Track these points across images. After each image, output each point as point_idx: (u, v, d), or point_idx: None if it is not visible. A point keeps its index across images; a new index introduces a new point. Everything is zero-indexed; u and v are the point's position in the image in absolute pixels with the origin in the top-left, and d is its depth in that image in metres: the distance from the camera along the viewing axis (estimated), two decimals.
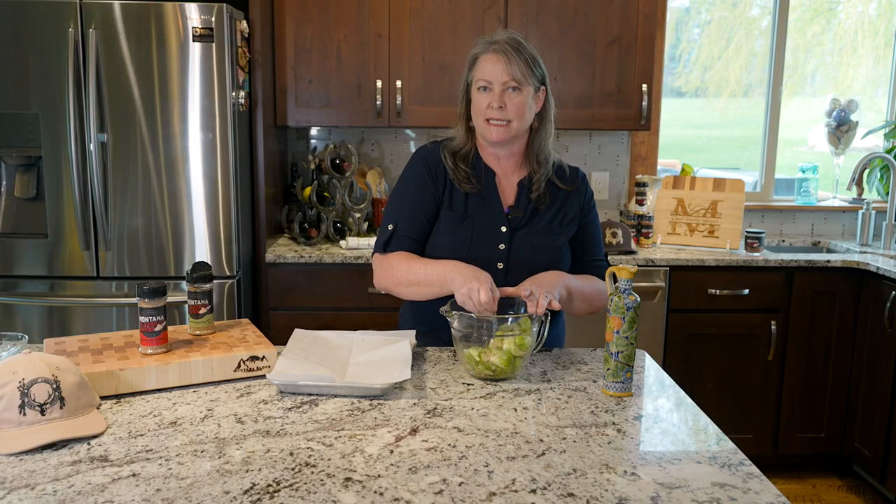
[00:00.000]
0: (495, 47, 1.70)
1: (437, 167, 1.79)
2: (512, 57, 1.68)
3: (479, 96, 1.72)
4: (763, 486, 1.13)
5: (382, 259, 1.78)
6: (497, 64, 1.69)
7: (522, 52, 1.70)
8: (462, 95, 1.79)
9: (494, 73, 1.69)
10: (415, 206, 1.77)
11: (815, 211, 3.69)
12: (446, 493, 1.09)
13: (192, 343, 1.61)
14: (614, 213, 3.64)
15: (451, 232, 1.75)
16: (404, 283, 1.73)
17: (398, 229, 1.76)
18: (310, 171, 3.30)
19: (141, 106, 2.62)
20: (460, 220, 1.76)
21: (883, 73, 3.82)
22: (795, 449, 3.18)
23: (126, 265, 2.71)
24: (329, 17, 3.07)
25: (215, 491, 1.08)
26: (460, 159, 1.79)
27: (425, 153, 1.82)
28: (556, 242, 1.78)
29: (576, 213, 1.82)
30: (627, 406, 1.44)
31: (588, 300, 1.77)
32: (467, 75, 1.76)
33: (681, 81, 3.96)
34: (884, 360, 2.91)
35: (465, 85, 1.78)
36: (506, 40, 1.71)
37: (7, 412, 1.24)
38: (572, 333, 2.93)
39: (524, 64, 1.69)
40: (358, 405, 1.42)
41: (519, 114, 1.71)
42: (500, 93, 1.69)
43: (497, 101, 1.69)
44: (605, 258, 1.88)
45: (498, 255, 1.75)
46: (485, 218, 1.76)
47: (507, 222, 1.77)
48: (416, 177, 1.80)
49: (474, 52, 1.74)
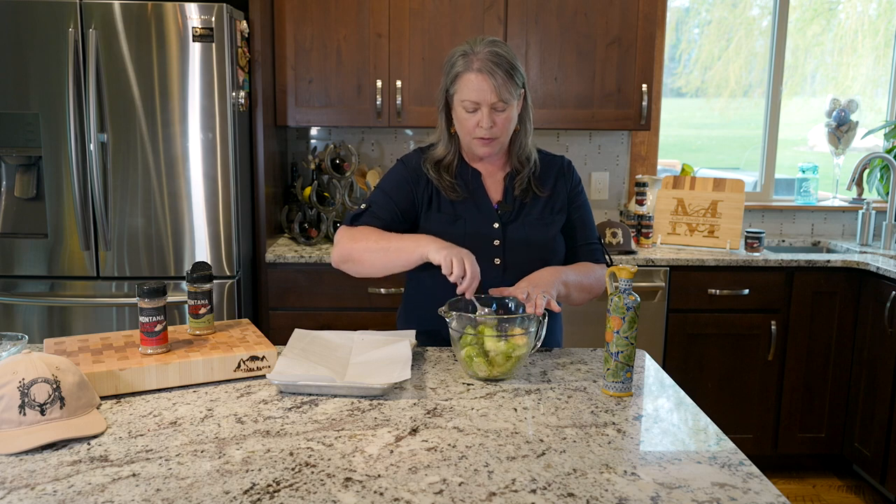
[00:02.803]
0: (479, 66, 1.65)
1: (420, 173, 1.80)
2: (497, 75, 1.64)
3: (466, 116, 1.70)
4: (763, 486, 1.13)
5: (350, 229, 1.75)
6: (483, 84, 1.65)
7: (503, 66, 1.65)
8: (441, 105, 1.77)
9: (482, 94, 1.65)
10: (390, 196, 1.78)
11: (815, 211, 3.69)
12: (446, 493, 1.09)
13: (192, 343, 1.61)
14: (614, 213, 3.64)
15: (445, 234, 1.74)
16: (372, 249, 1.67)
17: (370, 209, 1.77)
18: (310, 171, 3.30)
19: (141, 106, 2.62)
20: (452, 222, 1.77)
21: (883, 73, 3.82)
22: (795, 449, 3.18)
23: (126, 265, 2.71)
24: (329, 17, 3.07)
25: (215, 491, 1.08)
26: (443, 169, 1.79)
27: (406, 159, 1.84)
28: (549, 232, 1.79)
29: (564, 201, 1.84)
30: (627, 406, 1.44)
31: (586, 289, 1.79)
32: (448, 87, 1.73)
33: (681, 81, 3.96)
34: (884, 360, 2.91)
35: (443, 95, 1.76)
36: (487, 56, 1.66)
37: (7, 412, 1.24)
38: (572, 333, 2.94)
39: (508, 79, 1.66)
40: (358, 405, 1.42)
41: (506, 130, 1.72)
42: (489, 113, 1.67)
43: (486, 122, 1.67)
44: (599, 240, 1.89)
45: (493, 251, 1.76)
46: (476, 217, 1.78)
47: (498, 217, 1.78)
48: (396, 177, 1.82)
49: (455, 68, 1.70)
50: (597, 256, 1.86)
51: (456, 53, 1.71)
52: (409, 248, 1.62)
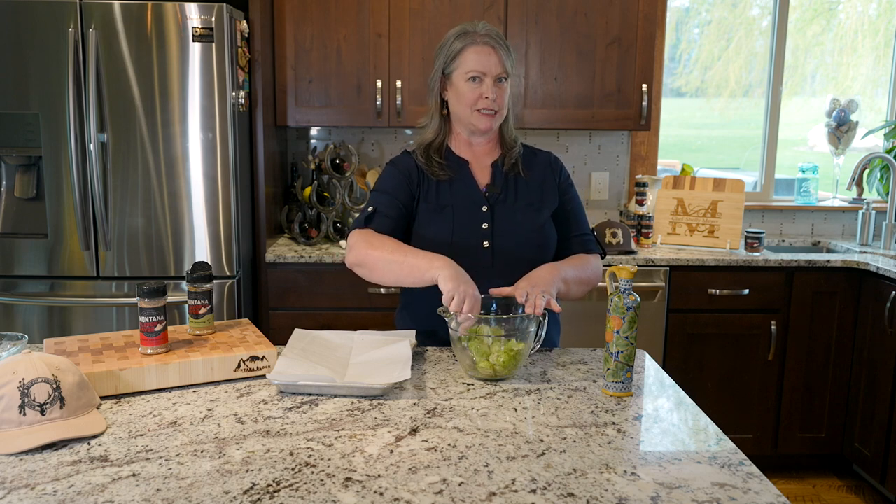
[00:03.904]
0: (484, 39, 1.74)
1: (410, 168, 1.83)
2: (501, 49, 1.75)
3: (469, 87, 1.75)
4: (763, 486, 1.13)
5: (364, 232, 1.75)
6: (491, 56, 1.74)
7: (504, 44, 1.77)
8: (435, 87, 1.82)
9: (489, 64, 1.73)
10: (392, 193, 1.81)
11: (815, 211, 3.69)
12: (446, 493, 1.09)
13: (192, 343, 1.62)
14: (614, 213, 3.64)
15: (433, 222, 1.78)
16: (386, 259, 1.67)
17: (378, 210, 1.79)
18: (310, 171, 3.30)
19: (141, 106, 2.62)
20: (440, 210, 1.79)
21: (883, 73, 3.82)
22: (795, 449, 3.18)
23: (126, 265, 2.71)
24: (329, 17, 3.07)
25: (215, 491, 1.08)
26: (434, 151, 1.83)
27: (396, 160, 1.88)
28: (538, 219, 1.81)
29: (554, 192, 1.86)
30: (627, 406, 1.44)
31: (585, 283, 1.81)
32: (445, 67, 1.78)
33: (681, 81, 3.96)
34: (884, 360, 2.91)
35: (438, 76, 1.80)
36: (489, 32, 1.76)
37: (7, 412, 1.24)
38: (573, 333, 2.95)
39: (508, 56, 1.77)
40: (358, 405, 1.42)
41: (505, 104, 1.80)
42: (493, 84, 1.74)
43: (491, 92, 1.74)
44: (592, 232, 1.91)
45: (482, 234, 1.78)
46: (463, 202, 1.80)
47: (486, 200, 1.80)
48: (390, 175, 1.85)
49: (455, 45, 1.76)
50: (590, 247, 1.88)
51: (452, 36, 1.79)
52: (423, 268, 1.60)
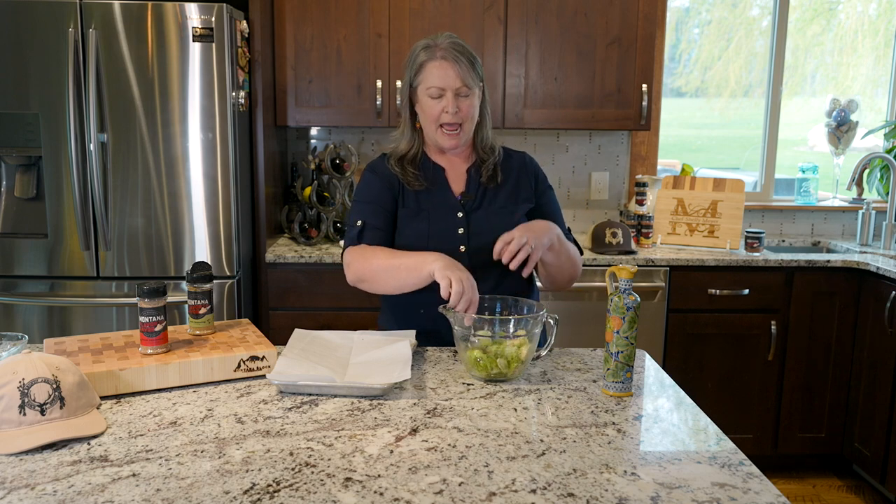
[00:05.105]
0: (442, 54, 1.75)
1: (387, 173, 1.84)
2: (461, 62, 1.75)
3: (431, 103, 1.77)
4: (763, 486, 1.13)
5: (358, 249, 1.78)
6: (449, 70, 1.74)
7: (466, 55, 1.76)
8: (405, 100, 1.84)
9: (447, 79, 1.74)
10: (375, 202, 1.82)
11: (815, 211, 3.69)
12: (446, 493, 1.09)
13: (192, 343, 1.62)
14: (614, 213, 3.64)
15: (409, 227, 1.80)
16: (383, 268, 1.71)
17: (367, 224, 1.80)
18: (310, 171, 3.30)
19: (141, 106, 2.62)
20: (415, 215, 1.81)
21: (883, 73, 3.82)
22: (795, 449, 3.18)
23: (126, 265, 2.71)
24: (329, 17, 3.07)
25: (215, 491, 1.08)
26: (408, 162, 1.84)
27: (373, 166, 1.89)
28: (512, 219, 1.82)
29: (530, 192, 1.87)
30: (627, 406, 1.44)
31: (571, 261, 1.82)
32: (412, 80, 1.80)
33: (681, 81, 3.96)
34: (884, 360, 2.91)
35: (407, 89, 1.82)
36: (450, 45, 1.76)
37: (7, 412, 1.24)
38: (573, 333, 2.95)
39: (470, 67, 1.77)
40: (358, 405, 1.42)
41: (471, 116, 1.79)
42: (454, 98, 1.75)
43: (451, 107, 1.75)
44: (569, 231, 1.92)
45: (458, 239, 1.79)
46: (439, 208, 1.81)
47: (462, 207, 1.81)
48: (369, 184, 1.86)
49: (419, 59, 1.78)
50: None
51: (418, 48, 1.80)
52: (417, 266, 1.63)
